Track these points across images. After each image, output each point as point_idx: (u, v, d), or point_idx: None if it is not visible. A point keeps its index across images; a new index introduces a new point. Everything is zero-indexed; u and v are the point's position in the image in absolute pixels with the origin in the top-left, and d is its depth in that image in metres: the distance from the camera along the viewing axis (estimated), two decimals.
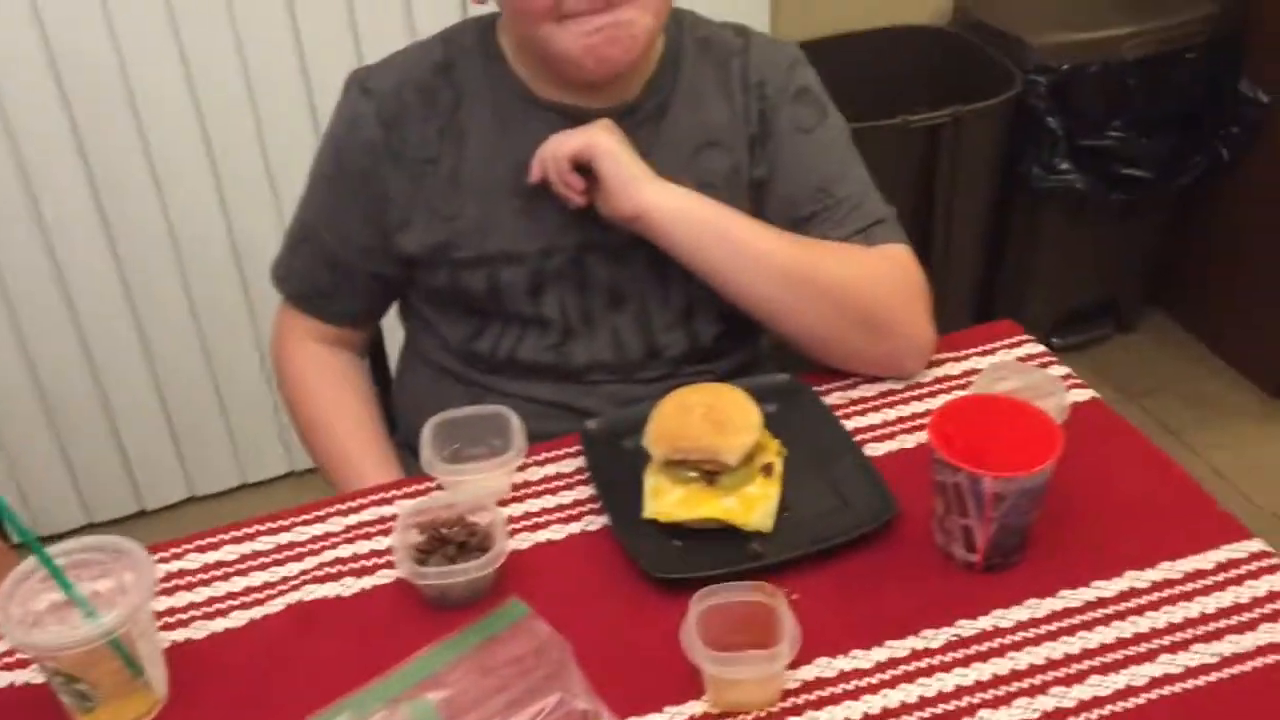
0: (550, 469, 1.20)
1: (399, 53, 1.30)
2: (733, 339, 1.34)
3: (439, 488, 1.16)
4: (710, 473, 1.10)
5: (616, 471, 1.15)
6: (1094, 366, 2.72)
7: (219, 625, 1.05)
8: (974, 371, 1.29)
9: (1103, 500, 1.13)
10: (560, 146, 1.20)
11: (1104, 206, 2.44)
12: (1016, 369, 1.21)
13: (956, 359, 1.32)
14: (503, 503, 1.16)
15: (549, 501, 1.17)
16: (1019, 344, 1.34)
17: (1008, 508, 1.02)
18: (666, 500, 1.10)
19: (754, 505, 1.09)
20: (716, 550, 1.08)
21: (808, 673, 0.98)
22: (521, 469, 1.20)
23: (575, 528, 1.14)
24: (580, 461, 1.20)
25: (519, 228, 1.26)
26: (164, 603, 1.07)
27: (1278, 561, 1.06)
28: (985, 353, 1.33)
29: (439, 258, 1.27)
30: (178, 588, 1.09)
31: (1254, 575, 1.04)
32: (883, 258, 1.27)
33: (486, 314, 1.30)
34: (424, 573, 1.03)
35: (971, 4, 2.51)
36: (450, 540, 1.07)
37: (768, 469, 1.12)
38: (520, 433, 1.16)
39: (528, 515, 1.15)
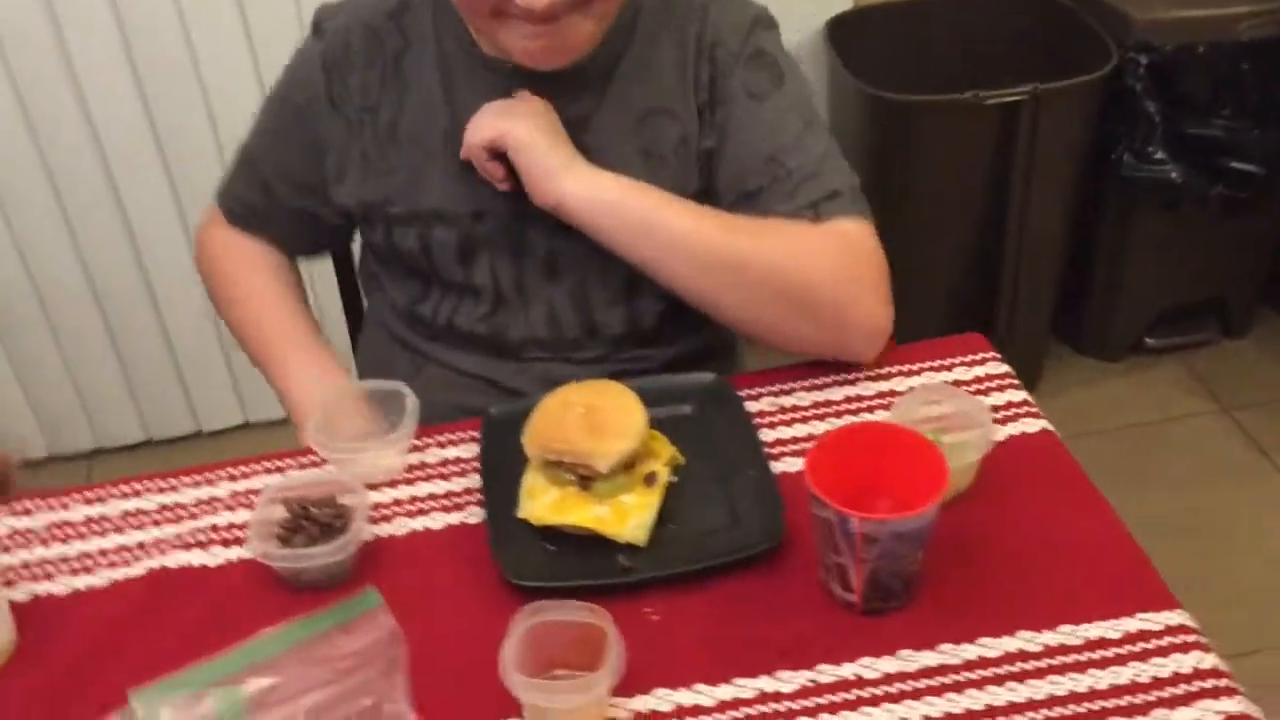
0: (451, 452, 1.17)
1: None
2: (677, 322, 1.27)
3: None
4: (586, 477, 1.04)
5: (507, 464, 1.10)
6: (1191, 372, 2.53)
7: (81, 582, 1.05)
8: (937, 385, 1.19)
9: (1019, 547, 1.03)
10: (474, 134, 1.16)
11: (1203, 202, 2.24)
12: (947, 393, 1.11)
13: (908, 373, 1.22)
14: (394, 483, 1.13)
15: (439, 487, 1.13)
16: (981, 361, 1.23)
17: (881, 550, 0.93)
18: (540, 502, 1.05)
19: (628, 515, 1.03)
20: (588, 560, 1.03)
21: (641, 703, 0.93)
22: (422, 449, 1.16)
23: (456, 518, 1.10)
24: None
25: (453, 187, 1.21)
26: (38, 553, 1.08)
27: (1195, 640, 0.94)
28: (942, 368, 1.23)
29: (374, 213, 1.24)
30: (54, 539, 1.10)
31: (1162, 652, 0.94)
32: (827, 235, 1.16)
33: (425, 277, 1.26)
34: (271, 554, 1.01)
35: None
36: (316, 520, 1.04)
37: (650, 478, 1.05)
38: (413, 413, 1.13)
39: (414, 500, 1.12)
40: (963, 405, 1.09)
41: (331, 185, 1.26)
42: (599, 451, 1.02)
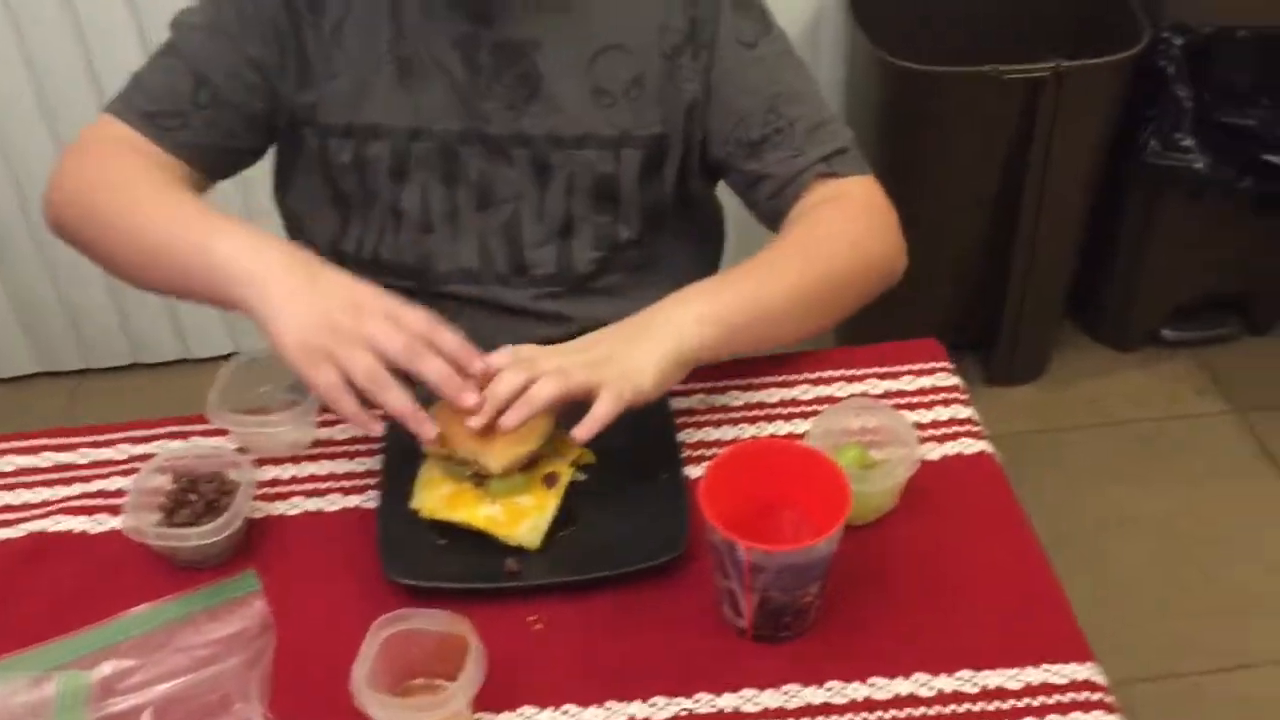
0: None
1: None
2: (614, 275, 1.22)
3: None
4: (480, 475, 0.99)
5: (414, 449, 1.05)
6: (1207, 368, 2.43)
7: None
8: (861, 397, 1.12)
9: (933, 580, 0.97)
10: (617, 409, 0.98)
11: (1230, 194, 2.12)
12: (878, 409, 1.05)
13: (850, 378, 1.15)
14: (295, 459, 1.09)
15: (341, 466, 1.08)
16: (930, 371, 1.16)
17: (770, 580, 0.88)
18: (433, 495, 1.00)
19: (522, 517, 0.98)
20: (476, 559, 0.98)
21: None
22: (332, 424, 1.12)
23: (354, 501, 1.05)
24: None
25: (392, 100, 1.16)
26: None
27: (1099, 699, 0.88)
28: (889, 374, 1.16)
29: (309, 119, 1.17)
30: None
31: (1061, 709, 0.87)
32: (864, 211, 1.17)
33: (351, 205, 1.20)
34: (142, 530, 0.97)
35: None
36: (202, 495, 1.01)
37: (550, 479, 1.00)
38: None
39: (313, 478, 1.08)
40: (885, 420, 1.03)
41: (274, 78, 1.16)
42: (491, 452, 0.97)
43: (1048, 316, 2.36)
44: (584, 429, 0.96)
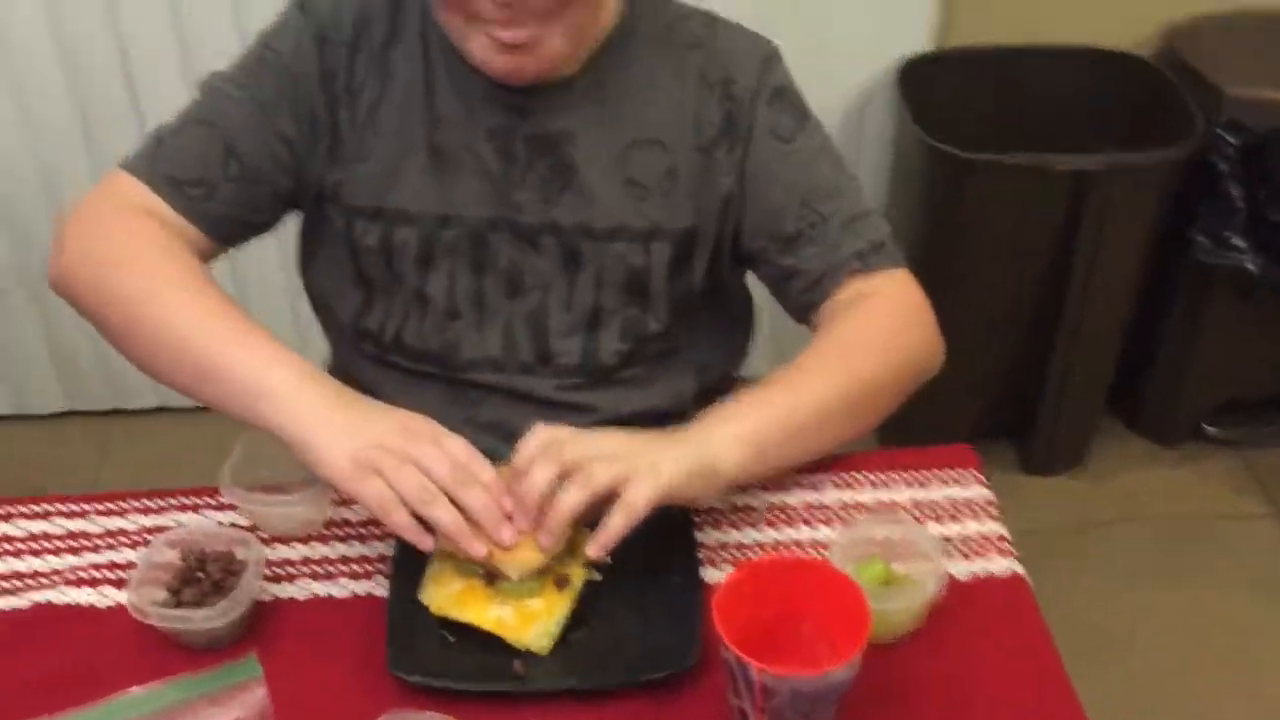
0: None
1: None
2: (638, 367, 1.20)
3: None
4: (491, 573, 0.97)
5: (429, 535, 1.03)
6: (1250, 469, 2.37)
7: None
8: (888, 505, 1.09)
9: (952, 708, 0.93)
10: (634, 518, 0.95)
11: None
12: (899, 521, 1.02)
13: (879, 483, 1.12)
14: (307, 539, 1.07)
15: (353, 549, 1.06)
16: (962, 481, 1.12)
17: (783, 703, 0.85)
18: (442, 591, 0.98)
19: (532, 621, 0.96)
20: (483, 659, 0.96)
21: None
22: (348, 504, 1.10)
23: (363, 587, 1.03)
24: None
25: (423, 187, 1.14)
26: None
27: None
28: (915, 481, 1.12)
29: (336, 197, 1.16)
30: None
31: None
32: (899, 309, 1.15)
33: (375, 286, 1.19)
34: (145, 610, 0.95)
35: (1179, 36, 2.17)
36: (209, 576, 0.99)
37: (562, 581, 0.97)
38: None
39: (324, 560, 1.06)
40: (918, 537, 1.00)
41: (305, 156, 1.15)
42: (508, 560, 0.95)
43: (1088, 407, 2.32)
44: (597, 546, 0.94)
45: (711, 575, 1.02)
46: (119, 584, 1.02)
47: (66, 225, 1.11)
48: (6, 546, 1.06)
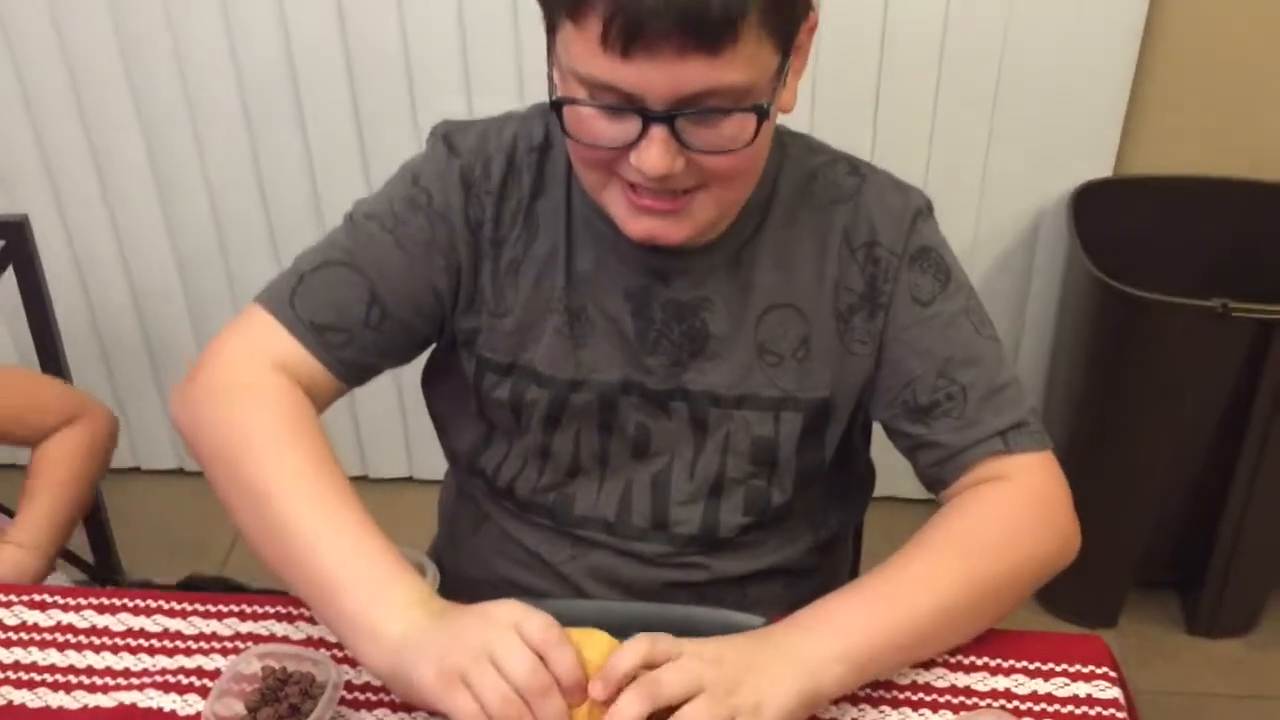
0: None
1: (496, 118, 1.15)
2: (760, 540, 1.15)
3: None
4: None
5: None
6: None
7: (55, 699, 1.03)
8: (1004, 694, 1.01)
9: None
10: None
11: None
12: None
13: (996, 669, 1.04)
14: None
15: None
16: (1088, 676, 1.03)
17: None
18: None
19: None
20: None
21: None
22: None
23: None
24: None
25: (556, 349, 1.11)
26: (32, 656, 1.06)
27: None
28: (1037, 674, 1.04)
29: (472, 345, 1.14)
30: (52, 644, 1.07)
31: None
32: (1034, 498, 1.06)
33: (497, 428, 1.17)
34: None
35: None
36: (286, 698, 0.98)
37: None
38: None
39: None
40: None
41: (460, 307, 1.13)
42: None
43: (1255, 585, 2.14)
44: None
45: None
46: (203, 693, 1.02)
47: (200, 367, 1.09)
48: (106, 640, 1.08)
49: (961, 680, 1.03)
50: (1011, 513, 1.05)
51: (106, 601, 1.11)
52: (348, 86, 2.03)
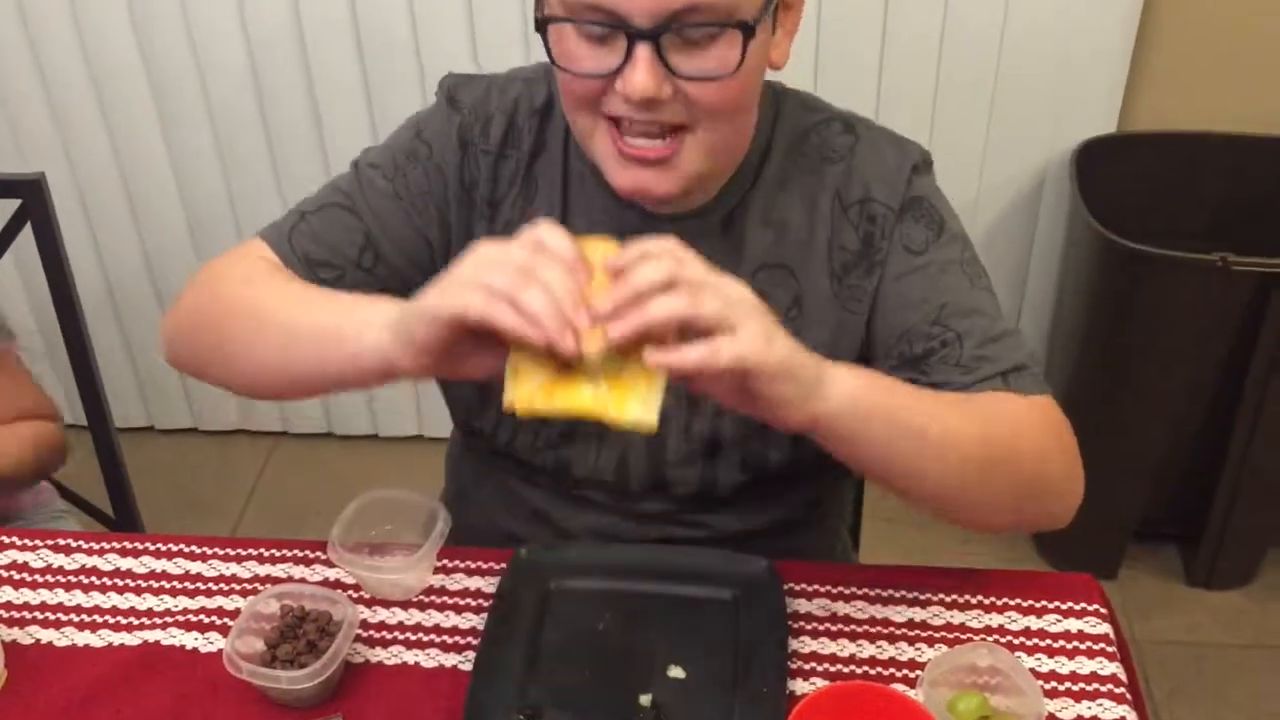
0: (475, 582, 1.11)
1: (502, 75, 1.16)
2: (756, 496, 1.17)
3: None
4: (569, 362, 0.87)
5: (521, 616, 1.04)
6: None
7: (81, 638, 1.07)
8: (997, 630, 1.04)
9: None
10: (714, 361, 0.85)
11: None
12: (1001, 654, 0.97)
13: (990, 606, 1.07)
14: (405, 604, 1.09)
15: (448, 619, 1.08)
16: (1080, 613, 1.06)
17: None
18: (526, 386, 0.89)
19: (630, 394, 0.87)
20: None
21: None
22: (448, 571, 1.11)
23: (450, 660, 1.04)
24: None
25: None
26: (58, 597, 1.10)
27: None
28: (1030, 610, 1.07)
29: None
30: (76, 585, 1.11)
31: None
32: (1044, 427, 1.03)
33: (493, 390, 1.18)
34: (236, 664, 0.98)
35: None
36: (304, 634, 1.01)
37: None
38: (439, 536, 1.07)
39: (418, 628, 1.07)
40: (1008, 665, 0.95)
41: (439, 259, 1.13)
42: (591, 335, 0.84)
43: (1256, 536, 2.17)
44: (659, 355, 0.85)
45: (800, 687, 1.00)
46: (224, 631, 1.06)
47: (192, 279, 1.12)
48: (129, 582, 1.11)
49: (957, 617, 1.06)
50: (1029, 419, 1.02)
51: (129, 545, 1.15)
52: (355, 45, 2.06)
